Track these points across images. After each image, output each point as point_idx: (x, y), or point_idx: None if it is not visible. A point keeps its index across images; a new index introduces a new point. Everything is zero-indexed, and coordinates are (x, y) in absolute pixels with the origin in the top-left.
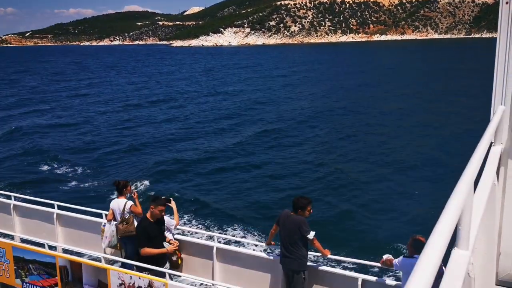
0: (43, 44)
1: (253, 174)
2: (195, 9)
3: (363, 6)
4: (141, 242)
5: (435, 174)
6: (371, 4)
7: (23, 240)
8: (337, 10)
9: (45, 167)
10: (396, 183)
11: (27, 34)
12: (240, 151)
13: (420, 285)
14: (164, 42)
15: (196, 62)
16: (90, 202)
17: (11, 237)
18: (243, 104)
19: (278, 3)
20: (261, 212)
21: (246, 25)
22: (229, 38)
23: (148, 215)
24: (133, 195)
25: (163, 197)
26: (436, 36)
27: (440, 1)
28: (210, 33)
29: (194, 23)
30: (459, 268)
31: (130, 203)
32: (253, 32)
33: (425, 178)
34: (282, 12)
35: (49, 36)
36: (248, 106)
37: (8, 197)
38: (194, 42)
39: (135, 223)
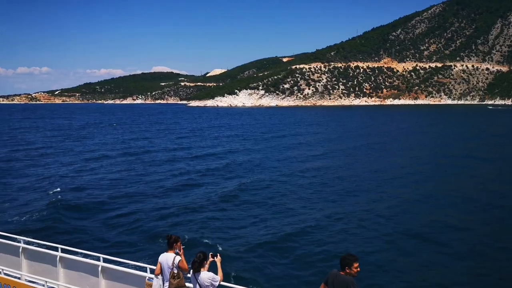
0: (70, 101)
1: (287, 228)
2: (217, 71)
3: (377, 71)
4: None
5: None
6: (385, 70)
7: None
8: (351, 74)
9: (86, 219)
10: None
11: (57, 92)
12: (260, 202)
13: None
14: (184, 102)
15: (193, 121)
16: (133, 254)
17: None
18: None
19: (293, 67)
20: (303, 269)
21: (260, 87)
22: (243, 99)
23: None
24: (179, 250)
25: (210, 253)
26: (449, 101)
27: (454, 68)
28: (226, 94)
29: (214, 84)
30: None
31: (178, 258)
32: (267, 94)
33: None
34: (297, 75)
35: (77, 94)
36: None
37: (55, 249)
38: (209, 103)
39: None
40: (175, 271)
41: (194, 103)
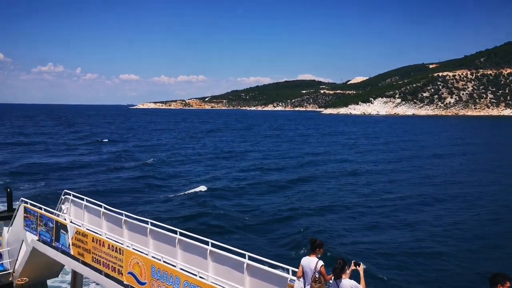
0: (218, 108)
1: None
2: (358, 79)
3: None
4: None
5: None
6: None
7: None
8: (502, 82)
9: (232, 216)
10: None
11: (207, 99)
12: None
13: None
14: (322, 109)
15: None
16: (275, 254)
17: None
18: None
19: (435, 74)
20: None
21: (397, 96)
22: (377, 107)
23: None
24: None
25: (353, 261)
26: None
27: None
28: (360, 102)
29: (354, 92)
30: None
31: (321, 263)
32: (403, 102)
33: None
34: (439, 83)
35: (224, 101)
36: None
37: (206, 243)
38: (342, 110)
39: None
40: (317, 276)
41: (327, 111)
